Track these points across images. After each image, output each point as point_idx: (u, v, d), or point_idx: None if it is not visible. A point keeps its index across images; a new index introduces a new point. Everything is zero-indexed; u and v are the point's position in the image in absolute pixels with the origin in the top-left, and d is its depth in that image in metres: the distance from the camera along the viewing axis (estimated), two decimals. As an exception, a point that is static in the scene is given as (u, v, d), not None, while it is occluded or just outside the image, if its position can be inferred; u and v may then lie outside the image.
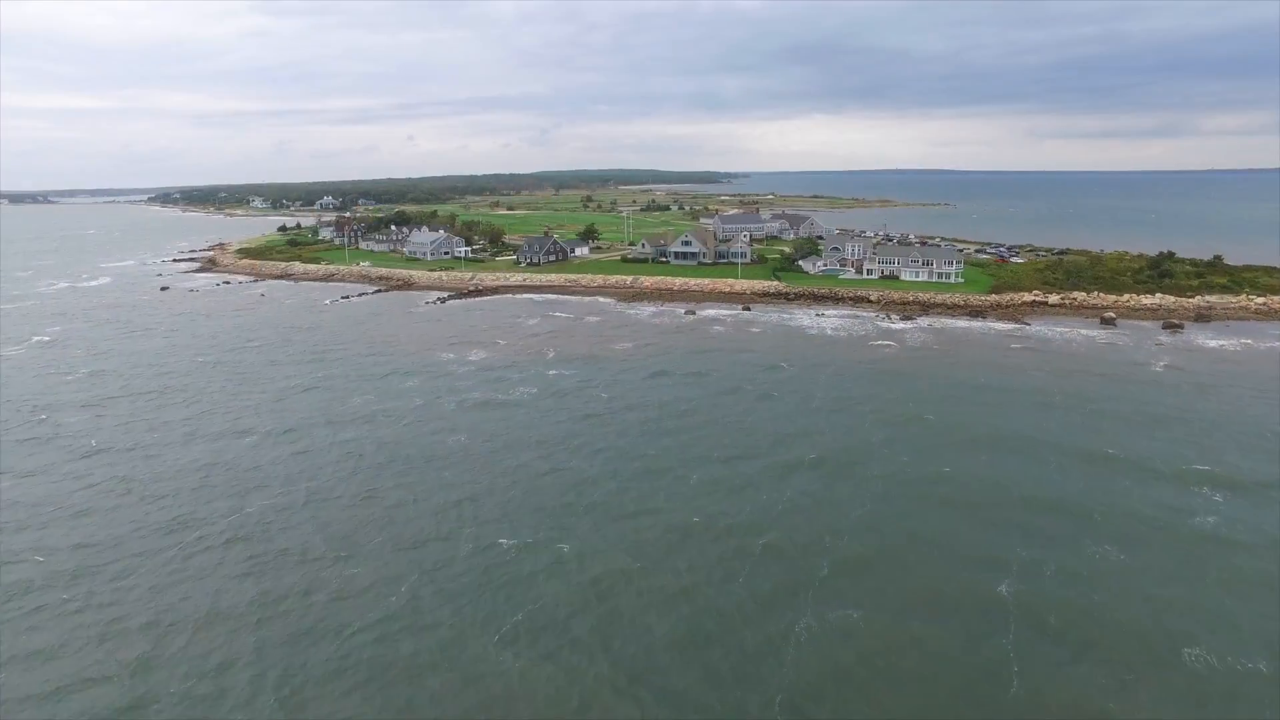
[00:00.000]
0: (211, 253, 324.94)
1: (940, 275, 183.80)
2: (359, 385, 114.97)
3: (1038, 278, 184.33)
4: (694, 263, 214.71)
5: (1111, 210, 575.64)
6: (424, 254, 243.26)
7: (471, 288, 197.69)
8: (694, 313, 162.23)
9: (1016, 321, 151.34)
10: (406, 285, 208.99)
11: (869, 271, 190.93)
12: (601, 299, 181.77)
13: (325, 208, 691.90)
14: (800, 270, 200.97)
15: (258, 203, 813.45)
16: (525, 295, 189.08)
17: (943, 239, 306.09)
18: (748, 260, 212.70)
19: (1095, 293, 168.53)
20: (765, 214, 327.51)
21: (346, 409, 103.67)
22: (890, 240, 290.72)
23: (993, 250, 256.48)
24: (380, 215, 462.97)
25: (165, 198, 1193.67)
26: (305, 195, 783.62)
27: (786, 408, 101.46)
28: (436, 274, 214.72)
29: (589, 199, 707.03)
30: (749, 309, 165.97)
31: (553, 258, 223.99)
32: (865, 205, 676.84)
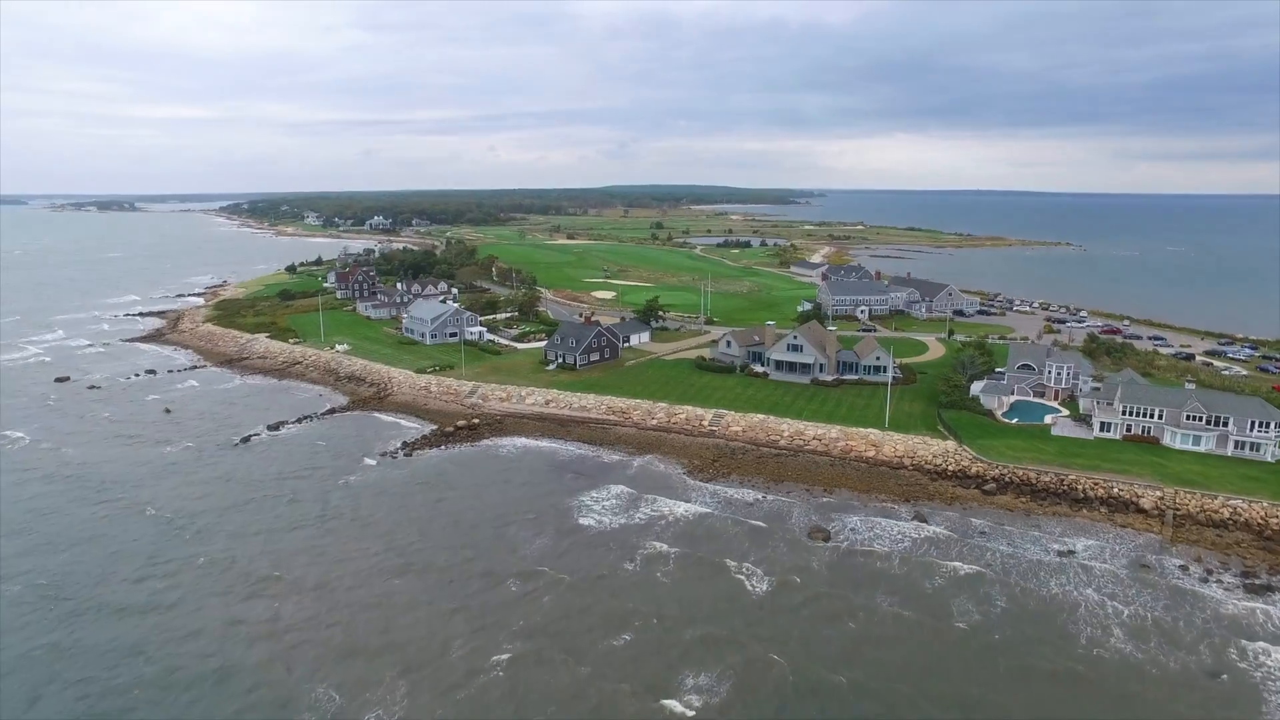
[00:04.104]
0: (201, 296, 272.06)
1: (1244, 445, 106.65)
2: None
3: None
4: (805, 379, 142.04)
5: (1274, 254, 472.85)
6: (423, 334, 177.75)
7: (464, 418, 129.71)
8: (825, 533, 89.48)
9: None
10: (378, 398, 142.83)
11: (1105, 426, 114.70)
12: (661, 463, 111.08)
13: (375, 228, 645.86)
14: (978, 408, 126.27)
15: (311, 218, 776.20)
16: (542, 442, 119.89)
17: (1130, 319, 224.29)
18: (889, 378, 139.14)
19: None
20: (885, 279, 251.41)
21: None
22: (1059, 324, 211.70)
23: (1233, 353, 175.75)
24: (424, 233, 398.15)
25: (234, 208, 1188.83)
26: (358, 215, 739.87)
27: None
28: (425, 378, 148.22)
29: (659, 226, 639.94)
30: (922, 517, 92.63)
31: (596, 356, 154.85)
32: (975, 243, 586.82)
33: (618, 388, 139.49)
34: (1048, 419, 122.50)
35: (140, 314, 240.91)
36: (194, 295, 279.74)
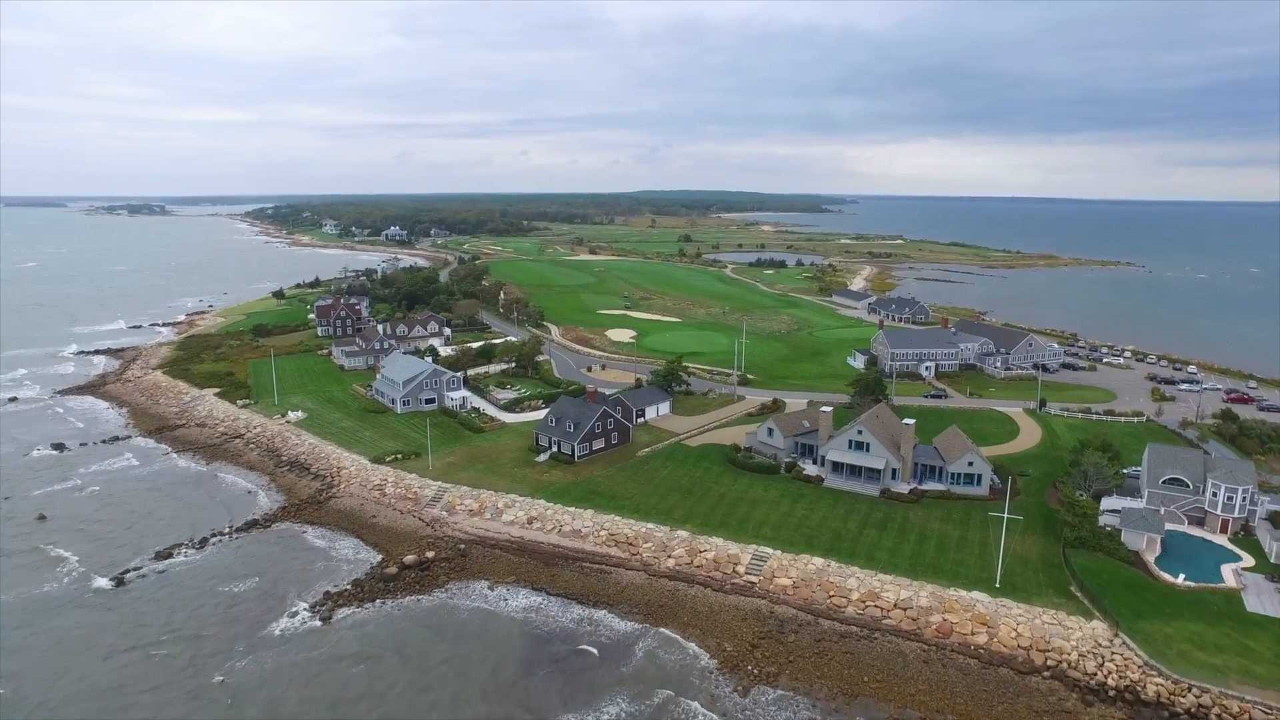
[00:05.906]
0: (175, 326, 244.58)
1: None
2: None
3: None
4: (873, 488, 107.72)
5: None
6: (394, 399, 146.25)
7: (418, 546, 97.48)
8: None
9: None
10: (316, 501, 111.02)
11: (1326, 600, 79.12)
12: (678, 644, 77.55)
13: (390, 239, 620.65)
14: (1118, 549, 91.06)
15: (329, 227, 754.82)
16: (517, 595, 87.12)
17: (1255, 379, 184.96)
18: (986, 490, 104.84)
19: None
20: (953, 325, 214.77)
21: None
22: (1166, 384, 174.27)
23: None
24: (441, 245, 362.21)
25: (258, 213, 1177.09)
26: (376, 224, 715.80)
27: None
28: (382, 472, 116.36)
29: (687, 239, 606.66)
30: (1092, 803, 58.27)
31: (601, 444, 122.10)
32: (1027, 261, 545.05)
33: (624, 497, 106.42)
34: (1228, 575, 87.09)
35: (102, 350, 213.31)
36: (168, 325, 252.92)
